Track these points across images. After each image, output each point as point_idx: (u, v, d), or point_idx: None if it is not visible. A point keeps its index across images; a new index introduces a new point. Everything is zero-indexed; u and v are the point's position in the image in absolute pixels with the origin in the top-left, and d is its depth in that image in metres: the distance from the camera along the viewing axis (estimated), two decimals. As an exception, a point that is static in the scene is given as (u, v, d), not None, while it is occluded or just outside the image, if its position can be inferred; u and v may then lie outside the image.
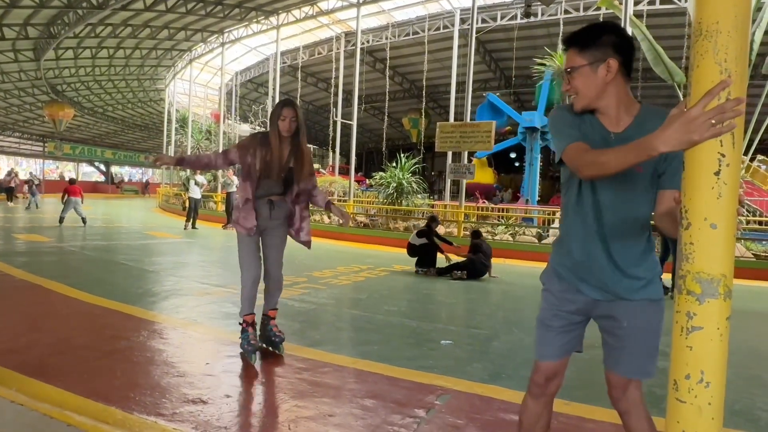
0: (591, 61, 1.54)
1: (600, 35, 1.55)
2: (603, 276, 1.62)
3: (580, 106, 1.60)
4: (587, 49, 1.56)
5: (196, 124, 27.98)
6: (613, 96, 1.56)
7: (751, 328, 4.98)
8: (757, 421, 2.67)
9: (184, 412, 2.45)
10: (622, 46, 1.54)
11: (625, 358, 1.65)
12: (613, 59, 1.52)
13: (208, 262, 8.12)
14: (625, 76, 1.56)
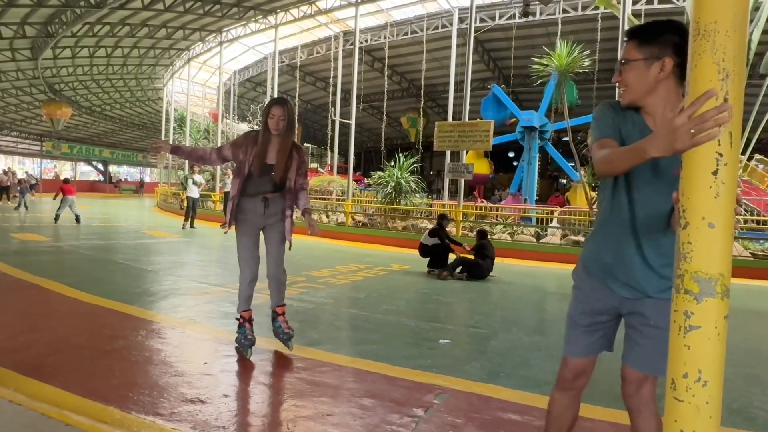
0: (647, 56, 1.54)
1: (662, 33, 1.54)
2: (634, 274, 1.62)
3: (627, 100, 1.60)
4: (646, 44, 1.55)
5: (195, 124, 27.95)
6: (662, 96, 1.55)
7: (748, 327, 4.99)
8: (755, 420, 2.68)
9: (183, 412, 2.45)
10: (682, 47, 1.49)
11: (644, 354, 1.65)
12: (669, 59, 1.51)
13: (207, 261, 8.12)
14: (678, 78, 1.54)
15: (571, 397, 1.83)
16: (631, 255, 1.63)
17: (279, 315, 3.51)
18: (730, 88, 1.08)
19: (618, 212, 1.65)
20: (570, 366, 1.79)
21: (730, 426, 2.53)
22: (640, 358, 1.66)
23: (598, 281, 1.71)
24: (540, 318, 5.36)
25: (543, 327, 4.91)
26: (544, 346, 4.01)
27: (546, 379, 3.20)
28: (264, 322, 4.33)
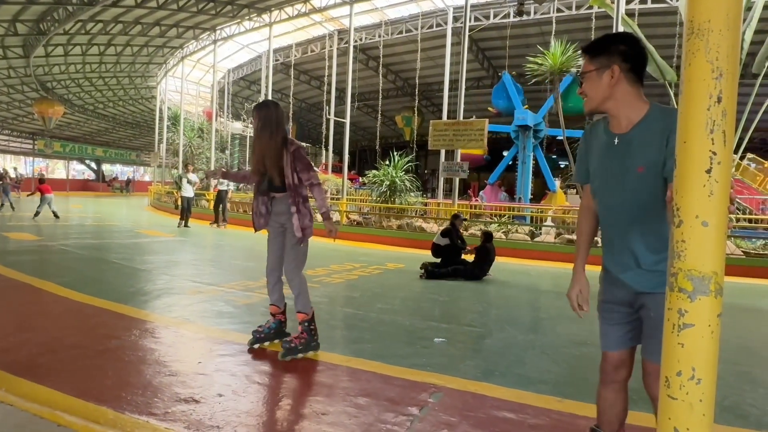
0: (598, 67, 1.72)
1: (609, 44, 1.72)
2: (630, 271, 1.76)
3: (589, 108, 1.80)
4: (596, 56, 1.74)
5: (188, 122, 27.83)
6: (618, 100, 1.71)
7: (741, 324, 5.03)
8: (747, 417, 2.70)
9: (176, 412, 2.44)
10: (628, 53, 1.69)
11: (655, 345, 1.71)
12: (617, 66, 1.68)
13: (201, 260, 8.08)
14: (633, 81, 1.70)
15: (614, 390, 1.91)
16: (625, 254, 1.76)
17: (299, 324, 3.47)
18: (723, 87, 1.08)
19: (604, 217, 1.83)
20: (608, 359, 1.90)
21: (723, 423, 2.55)
22: (652, 350, 1.73)
23: (613, 277, 1.84)
24: (534, 317, 5.38)
25: (537, 325, 4.92)
26: (539, 345, 4.02)
27: (540, 378, 3.21)
28: (258, 321, 4.32)
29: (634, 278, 1.74)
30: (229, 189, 14.41)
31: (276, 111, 3.43)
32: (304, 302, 3.47)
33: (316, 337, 3.47)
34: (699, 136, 1.10)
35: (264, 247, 3.64)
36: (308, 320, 3.45)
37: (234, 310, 4.65)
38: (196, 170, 17.36)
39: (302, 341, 3.39)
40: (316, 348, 3.45)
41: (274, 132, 3.37)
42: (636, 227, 1.73)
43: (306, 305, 3.47)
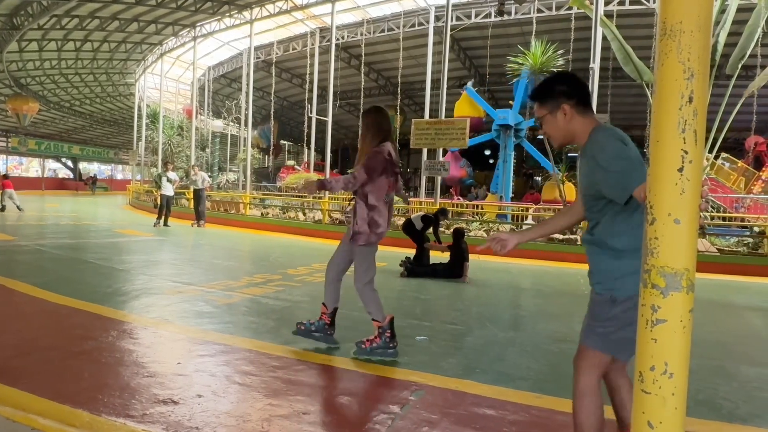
0: (550, 110, 1.89)
1: (551, 87, 1.90)
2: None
3: (556, 145, 1.99)
4: (545, 102, 1.91)
5: (168, 120, 27.42)
6: (577, 131, 1.88)
7: (715, 320, 5.15)
8: (720, 410, 2.76)
9: (155, 413, 2.41)
10: (570, 91, 1.86)
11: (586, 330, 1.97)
12: (566, 104, 1.85)
13: (181, 260, 7.98)
14: (583, 111, 1.87)
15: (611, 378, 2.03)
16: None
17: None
18: (695, 87, 1.10)
19: None
20: None
21: (697, 416, 2.60)
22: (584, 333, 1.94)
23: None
24: (515, 314, 5.43)
25: (518, 323, 4.97)
26: (519, 342, 4.06)
27: (520, 374, 3.24)
28: (239, 321, 4.29)
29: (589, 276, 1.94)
30: (204, 187, 14.15)
31: (376, 116, 3.51)
32: (373, 310, 3.49)
33: (392, 344, 3.45)
34: (671, 136, 1.12)
35: (244, 247, 3.62)
36: (382, 327, 3.45)
37: (214, 310, 4.60)
38: (176, 168, 17.13)
39: (374, 345, 3.43)
40: (393, 354, 3.43)
41: (373, 138, 3.48)
42: (591, 231, 1.90)
43: (375, 314, 3.48)
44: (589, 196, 1.88)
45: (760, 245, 9.77)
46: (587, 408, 1.85)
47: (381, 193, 3.45)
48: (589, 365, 1.87)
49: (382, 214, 3.46)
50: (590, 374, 1.86)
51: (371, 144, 3.47)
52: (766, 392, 3.09)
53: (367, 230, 3.41)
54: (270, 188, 24.95)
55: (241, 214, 15.92)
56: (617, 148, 1.72)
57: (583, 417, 1.84)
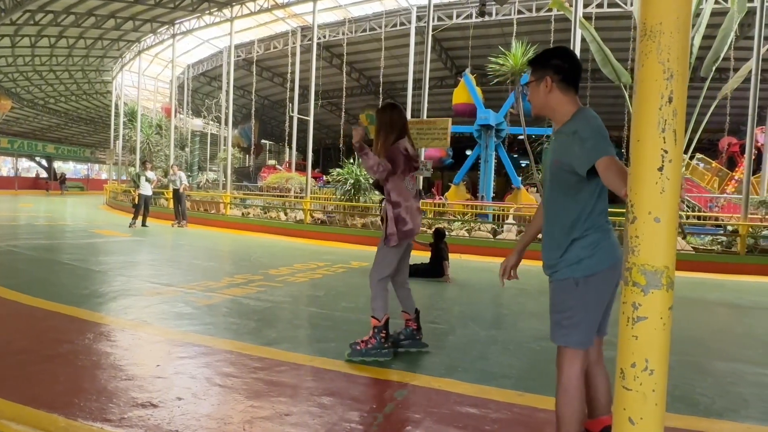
0: (536, 78, 1.97)
1: (544, 58, 1.97)
2: (546, 261, 2.04)
3: (534, 113, 2.07)
4: (535, 69, 1.99)
5: (146, 118, 26.98)
6: (552, 106, 1.95)
7: (691, 317, 5.25)
8: (697, 406, 2.82)
9: (133, 417, 2.36)
10: (560, 66, 1.93)
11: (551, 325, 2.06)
12: (549, 77, 1.93)
13: (159, 260, 7.85)
14: (565, 89, 1.93)
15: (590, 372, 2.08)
16: (544, 246, 2.07)
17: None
18: (674, 87, 1.12)
19: (543, 211, 2.13)
20: None
21: (674, 412, 2.65)
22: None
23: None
24: (496, 313, 5.46)
25: (500, 322, 5.00)
26: (501, 340, 4.09)
27: (502, 373, 3.26)
28: (220, 322, 4.24)
29: (546, 268, 2.01)
30: (183, 186, 13.90)
31: (389, 114, 3.48)
32: (375, 307, 3.45)
33: (386, 345, 3.42)
34: (651, 135, 1.13)
35: (225, 247, 3.57)
36: (378, 327, 3.41)
37: (194, 311, 4.53)
38: (154, 168, 16.84)
39: (369, 346, 3.38)
40: (387, 355, 3.40)
41: (382, 135, 3.45)
42: (548, 220, 1.99)
43: (377, 311, 3.44)
44: (554, 177, 1.93)
45: (734, 244, 10.01)
46: (570, 404, 1.87)
47: (403, 190, 3.46)
48: (569, 362, 1.90)
49: (409, 210, 3.45)
50: (571, 370, 1.89)
51: (385, 143, 3.44)
52: (740, 387, 3.16)
53: (395, 230, 3.41)
54: (251, 188, 24.75)
55: (222, 214, 15.74)
56: (600, 126, 1.81)
57: (566, 413, 1.87)
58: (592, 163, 1.72)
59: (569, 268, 1.89)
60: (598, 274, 1.84)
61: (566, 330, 1.90)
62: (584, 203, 1.87)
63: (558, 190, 1.94)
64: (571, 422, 1.86)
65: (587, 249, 1.86)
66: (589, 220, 1.86)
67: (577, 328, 1.88)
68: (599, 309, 1.90)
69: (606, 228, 1.90)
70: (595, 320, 1.90)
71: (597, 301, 1.87)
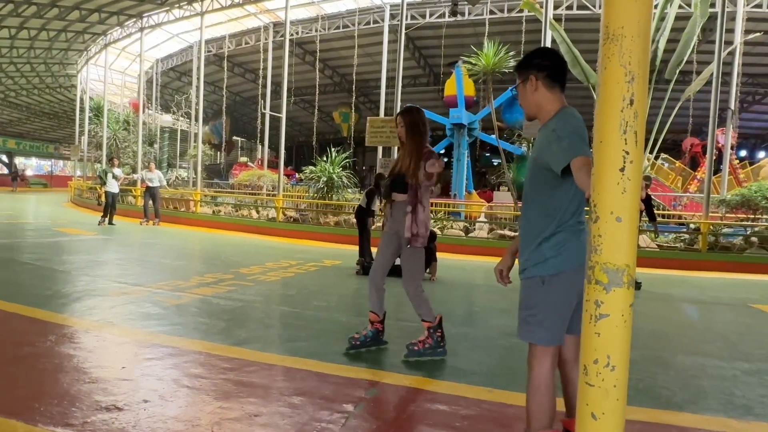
0: (522, 79, 2.00)
1: (528, 59, 2.01)
2: (521, 257, 2.07)
3: (525, 115, 2.09)
4: (520, 71, 2.02)
5: (113, 114, 26.23)
6: (541, 104, 1.97)
7: (654, 312, 5.41)
8: (658, 398, 2.91)
9: (96, 421, 2.30)
10: (542, 64, 1.95)
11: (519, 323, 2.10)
12: (534, 75, 1.95)
13: (126, 259, 7.65)
14: (550, 86, 1.95)
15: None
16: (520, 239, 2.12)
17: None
18: (635, 90, 1.15)
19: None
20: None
21: (638, 405, 2.73)
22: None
23: None
24: (468, 310, 5.52)
25: (471, 319, 5.06)
26: (471, 337, 4.14)
27: (472, 369, 3.30)
28: (189, 322, 4.16)
29: (519, 266, 2.05)
30: (160, 185, 13.66)
31: (419, 115, 3.50)
32: (424, 311, 3.49)
33: (442, 344, 3.50)
34: (613, 137, 1.16)
35: (195, 246, 3.51)
36: (433, 327, 3.46)
37: (162, 311, 4.44)
38: (122, 164, 16.43)
39: (426, 346, 3.45)
40: (442, 354, 3.47)
41: (417, 137, 3.44)
42: (524, 217, 2.03)
43: (427, 314, 3.48)
44: (533, 174, 1.97)
45: (696, 241, 10.35)
46: (540, 401, 1.90)
47: (428, 194, 3.53)
48: (539, 359, 1.93)
49: (428, 214, 3.55)
50: (541, 367, 1.92)
51: (421, 143, 3.44)
52: (700, 380, 3.27)
53: (424, 232, 3.45)
54: (222, 185, 24.37)
55: (192, 212, 15.47)
56: (578, 126, 1.84)
57: (537, 409, 1.90)
58: (567, 162, 1.72)
59: (536, 266, 1.92)
60: (564, 273, 1.87)
61: (531, 327, 1.93)
62: (558, 202, 1.89)
63: (535, 187, 1.96)
64: (541, 418, 1.89)
65: (554, 248, 1.88)
66: (560, 219, 1.89)
67: (542, 326, 1.90)
68: (566, 308, 1.92)
69: (576, 229, 1.91)
70: (563, 319, 1.92)
71: (563, 299, 1.90)
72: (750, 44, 15.69)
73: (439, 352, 3.49)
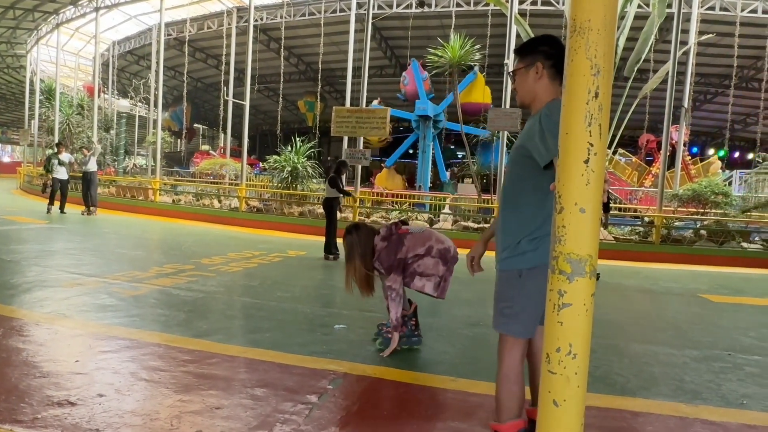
0: (526, 65, 1.95)
1: (534, 45, 1.97)
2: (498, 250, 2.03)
3: (519, 102, 2.03)
4: (524, 56, 1.97)
5: (66, 97, 25.07)
6: (539, 93, 1.95)
7: (610, 302, 5.60)
8: (614, 385, 3.01)
9: (48, 417, 2.20)
10: (550, 53, 1.92)
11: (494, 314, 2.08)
12: (540, 63, 1.92)
13: (80, 249, 7.36)
14: (554, 77, 1.92)
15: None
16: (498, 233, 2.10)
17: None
18: (600, 83, 1.16)
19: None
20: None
21: (594, 392, 2.81)
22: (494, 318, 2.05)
23: None
24: (432, 301, 5.55)
25: (435, 309, 5.10)
26: (435, 327, 4.17)
27: (436, 359, 3.34)
28: (147, 314, 4.04)
29: (496, 257, 2.02)
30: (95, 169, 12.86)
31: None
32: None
33: (416, 332, 3.57)
34: (578, 129, 1.17)
35: (154, 235, 3.39)
36: (407, 315, 3.54)
37: (119, 302, 4.30)
38: (74, 151, 15.70)
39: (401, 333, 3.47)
40: (417, 342, 3.54)
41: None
42: (504, 207, 2.02)
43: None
44: (515, 162, 1.96)
45: (650, 234, 10.76)
46: (510, 390, 1.93)
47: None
48: (508, 350, 1.95)
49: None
50: (511, 358, 1.94)
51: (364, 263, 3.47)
52: (652, 367, 3.41)
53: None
54: (182, 174, 23.73)
55: (151, 200, 15.00)
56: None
57: (506, 398, 1.93)
58: (550, 159, 1.72)
59: (513, 259, 1.91)
60: (540, 267, 1.85)
61: (506, 319, 1.94)
62: (541, 195, 1.85)
63: (517, 177, 1.93)
64: (510, 407, 1.92)
65: (533, 242, 1.88)
66: (542, 213, 1.86)
67: (517, 318, 1.92)
68: (540, 301, 1.93)
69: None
70: (537, 312, 1.92)
71: (538, 293, 1.88)
72: (703, 45, 16.33)
73: (414, 340, 3.53)
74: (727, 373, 3.31)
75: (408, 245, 3.36)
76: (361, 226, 3.59)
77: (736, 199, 11.85)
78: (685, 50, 12.73)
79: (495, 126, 10.70)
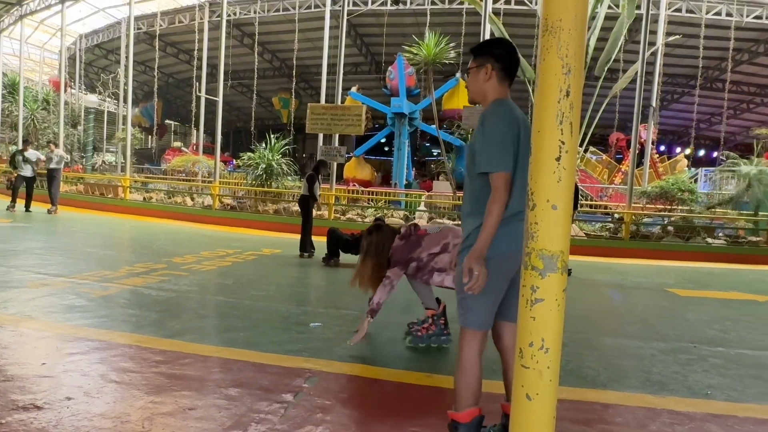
0: (477, 65, 2.03)
1: (488, 46, 2.06)
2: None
3: (470, 98, 2.18)
4: (477, 56, 2.05)
5: (30, 91, 24.27)
6: (488, 93, 2.03)
7: (582, 296, 5.71)
8: (585, 378, 3.08)
9: (12, 422, 2.13)
10: (501, 56, 2.00)
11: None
12: (491, 65, 1.99)
13: (47, 248, 7.13)
14: (502, 79, 2.01)
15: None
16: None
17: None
18: (572, 82, 1.18)
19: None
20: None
21: (566, 385, 2.87)
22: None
23: None
24: (407, 298, 5.58)
25: (409, 306, 5.12)
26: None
27: (409, 356, 3.35)
28: (117, 314, 3.95)
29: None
30: (60, 167, 12.47)
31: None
32: (427, 300, 3.67)
33: (446, 330, 3.61)
34: (550, 127, 1.19)
35: (124, 234, 3.32)
36: (436, 314, 3.60)
37: (88, 303, 4.19)
38: (39, 147, 15.21)
39: (429, 332, 3.56)
40: (446, 341, 3.57)
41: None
42: (463, 203, 2.08)
43: (430, 302, 3.66)
44: (468, 161, 2.03)
45: (620, 230, 11.01)
46: (467, 381, 1.98)
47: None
48: (468, 342, 1.99)
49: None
50: (469, 350, 1.99)
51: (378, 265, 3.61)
52: (622, 360, 3.49)
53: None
54: (154, 171, 23.25)
55: (120, 198, 14.66)
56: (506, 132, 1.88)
57: (463, 388, 1.98)
58: (485, 171, 1.86)
59: (466, 251, 1.94)
60: (491, 259, 1.87)
61: (463, 310, 1.99)
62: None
63: (470, 174, 2.00)
64: (467, 397, 1.97)
65: None
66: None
67: (472, 310, 1.96)
68: (495, 292, 1.96)
69: (514, 219, 1.90)
70: (492, 303, 1.97)
71: (492, 284, 1.91)
72: (670, 46, 16.77)
73: (443, 339, 3.57)
74: (693, 364, 3.41)
75: (424, 245, 3.42)
76: (383, 227, 3.65)
77: (701, 196, 12.24)
78: (653, 51, 13.05)
79: (470, 123, 10.80)
